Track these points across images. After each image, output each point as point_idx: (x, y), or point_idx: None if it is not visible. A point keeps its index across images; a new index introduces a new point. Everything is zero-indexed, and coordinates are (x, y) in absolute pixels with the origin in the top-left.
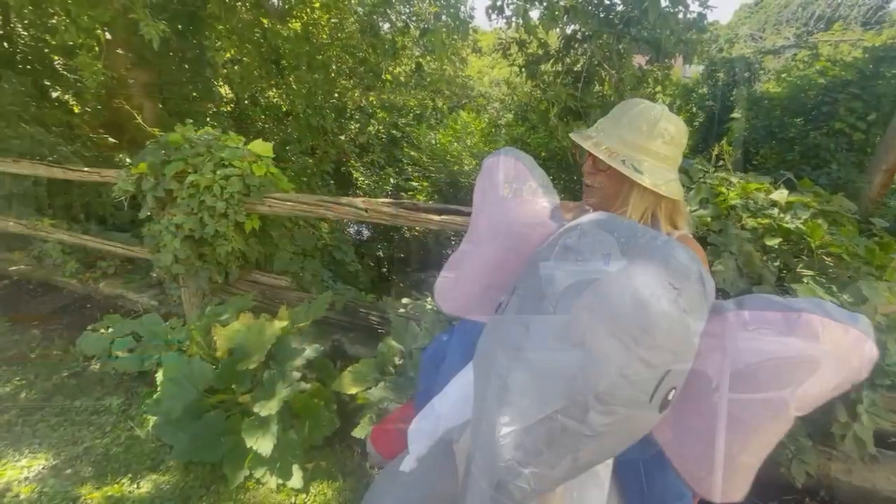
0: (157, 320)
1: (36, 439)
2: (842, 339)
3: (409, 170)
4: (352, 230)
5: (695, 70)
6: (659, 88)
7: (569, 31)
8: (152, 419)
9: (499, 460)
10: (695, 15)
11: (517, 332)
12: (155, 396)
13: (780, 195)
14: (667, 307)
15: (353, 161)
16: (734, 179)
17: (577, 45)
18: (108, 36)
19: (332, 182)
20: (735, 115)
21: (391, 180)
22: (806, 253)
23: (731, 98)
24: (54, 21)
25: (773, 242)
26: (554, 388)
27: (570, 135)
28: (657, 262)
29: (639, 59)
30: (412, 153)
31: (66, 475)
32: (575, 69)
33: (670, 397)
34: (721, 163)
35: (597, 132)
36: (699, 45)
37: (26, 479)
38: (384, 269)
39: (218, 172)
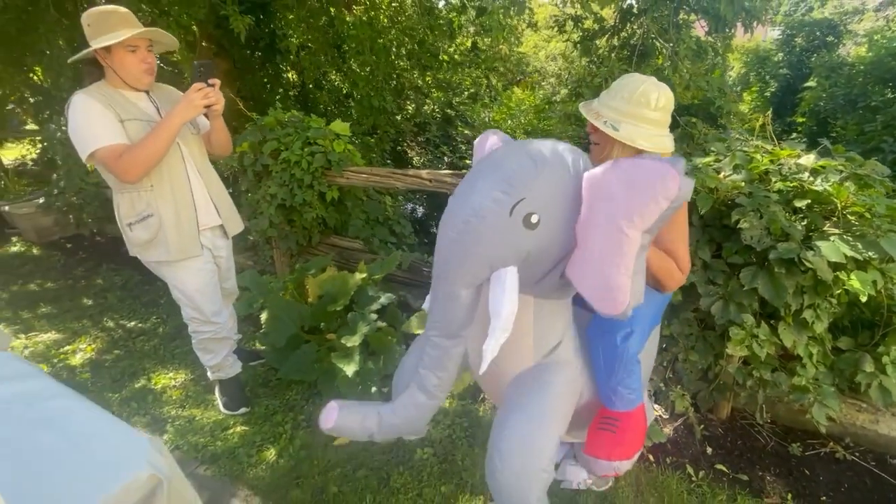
0: (256, 275)
1: (175, 360)
2: (639, 171)
3: (464, 148)
4: (408, 207)
5: (771, 36)
6: (719, 60)
7: (625, 4)
8: (261, 348)
9: (438, 257)
10: None
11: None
12: (262, 331)
13: (807, 160)
14: (517, 164)
15: (408, 140)
16: (769, 147)
17: (633, 19)
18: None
19: (389, 161)
20: (810, 83)
21: (445, 158)
22: (836, 214)
23: (809, 65)
24: (150, 16)
25: (801, 204)
26: (460, 209)
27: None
28: (527, 148)
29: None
30: (466, 132)
31: (202, 385)
32: (631, 42)
33: (534, 220)
34: (764, 133)
35: (597, 103)
36: (762, 12)
37: (173, 386)
38: None
39: (305, 149)
